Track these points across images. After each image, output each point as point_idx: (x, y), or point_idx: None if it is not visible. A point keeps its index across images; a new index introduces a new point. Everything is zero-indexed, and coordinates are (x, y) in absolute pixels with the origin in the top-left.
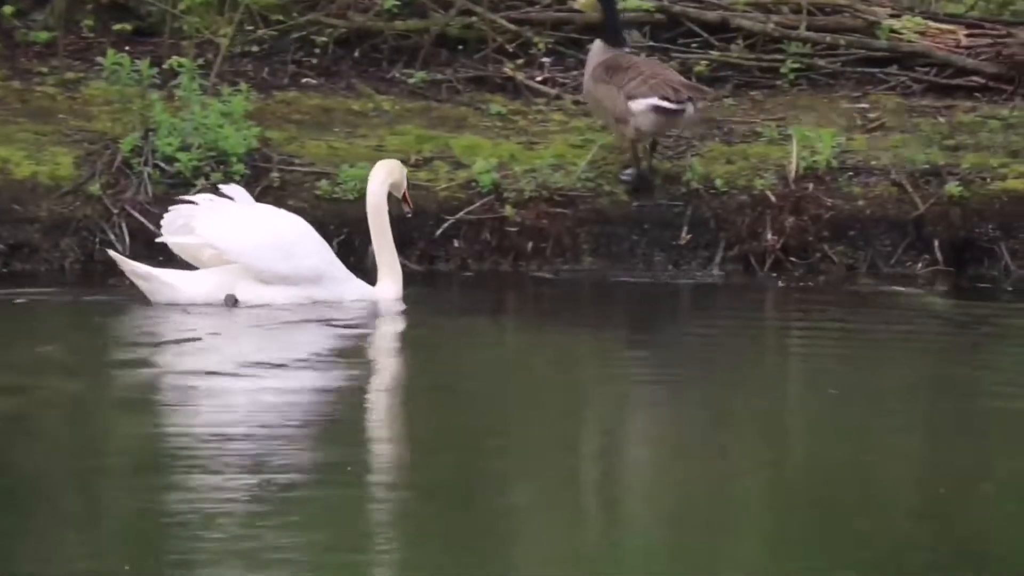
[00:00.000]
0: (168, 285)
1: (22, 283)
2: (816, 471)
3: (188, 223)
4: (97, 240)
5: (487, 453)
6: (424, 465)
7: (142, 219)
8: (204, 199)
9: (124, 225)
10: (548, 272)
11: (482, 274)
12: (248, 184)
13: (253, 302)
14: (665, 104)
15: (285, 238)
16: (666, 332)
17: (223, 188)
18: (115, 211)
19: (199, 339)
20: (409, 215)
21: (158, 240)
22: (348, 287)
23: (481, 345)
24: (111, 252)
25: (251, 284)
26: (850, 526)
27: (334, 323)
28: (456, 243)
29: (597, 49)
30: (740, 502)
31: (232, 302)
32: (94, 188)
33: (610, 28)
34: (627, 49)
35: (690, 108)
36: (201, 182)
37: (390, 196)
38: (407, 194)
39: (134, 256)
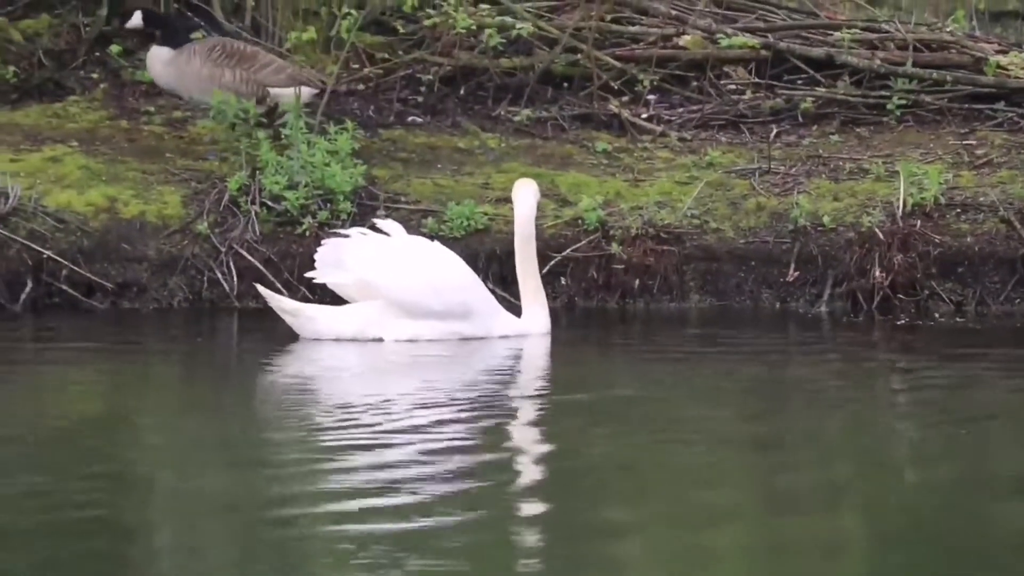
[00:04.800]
0: (315, 320)
1: (128, 322)
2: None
3: (340, 258)
4: (205, 279)
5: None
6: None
7: (250, 257)
8: (356, 232)
9: (232, 263)
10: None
11: (611, 308)
12: (354, 223)
13: (400, 337)
14: (314, 89)
15: (436, 273)
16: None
17: (378, 223)
18: (223, 249)
19: (346, 376)
20: None
21: (307, 275)
22: (496, 321)
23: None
24: (260, 287)
25: (398, 319)
26: None
27: (489, 360)
28: (563, 280)
29: (163, 51)
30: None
31: (380, 339)
32: (202, 227)
33: (170, 33)
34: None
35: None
36: (308, 221)
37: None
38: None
39: (240, 295)
